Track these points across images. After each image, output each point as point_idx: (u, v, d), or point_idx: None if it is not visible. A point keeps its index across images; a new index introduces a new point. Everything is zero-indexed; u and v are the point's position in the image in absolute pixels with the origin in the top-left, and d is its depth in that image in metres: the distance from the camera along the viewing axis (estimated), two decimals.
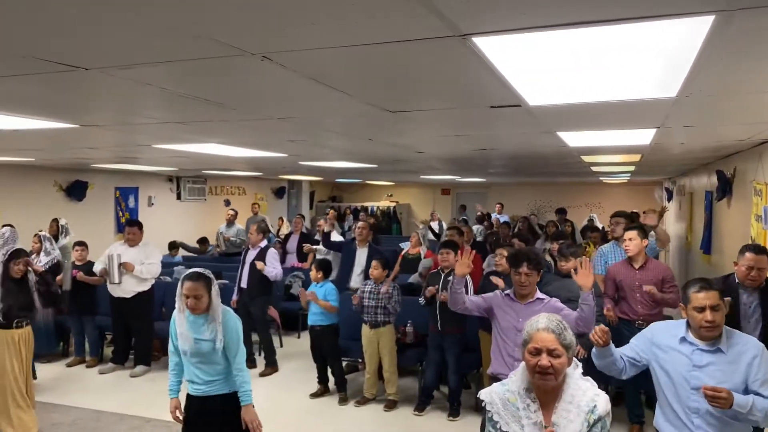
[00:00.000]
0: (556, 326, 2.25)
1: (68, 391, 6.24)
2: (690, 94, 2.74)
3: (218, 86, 2.65)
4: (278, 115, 3.50)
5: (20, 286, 4.87)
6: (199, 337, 3.35)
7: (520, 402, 2.31)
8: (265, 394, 6.18)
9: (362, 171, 10.59)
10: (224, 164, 8.56)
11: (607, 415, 2.20)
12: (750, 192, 5.45)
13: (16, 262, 4.82)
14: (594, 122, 3.78)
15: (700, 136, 4.68)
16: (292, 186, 16.72)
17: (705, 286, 2.71)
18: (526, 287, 3.80)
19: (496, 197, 16.93)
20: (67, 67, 2.23)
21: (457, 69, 2.26)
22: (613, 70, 2.31)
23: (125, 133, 4.51)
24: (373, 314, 5.66)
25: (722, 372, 2.66)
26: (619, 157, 6.96)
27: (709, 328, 2.67)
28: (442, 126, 3.99)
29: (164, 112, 3.42)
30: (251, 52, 2.00)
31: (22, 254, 4.92)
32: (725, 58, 2.13)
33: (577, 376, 2.31)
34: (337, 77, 2.44)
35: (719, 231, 7.36)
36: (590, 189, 17.43)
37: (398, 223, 18.14)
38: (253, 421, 3.40)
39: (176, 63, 2.18)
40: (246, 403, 3.40)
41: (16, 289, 4.80)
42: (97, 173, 10.10)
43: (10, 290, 4.78)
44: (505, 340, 3.80)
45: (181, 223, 12.29)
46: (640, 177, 13.13)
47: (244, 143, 5.24)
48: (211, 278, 3.37)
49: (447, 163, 8.13)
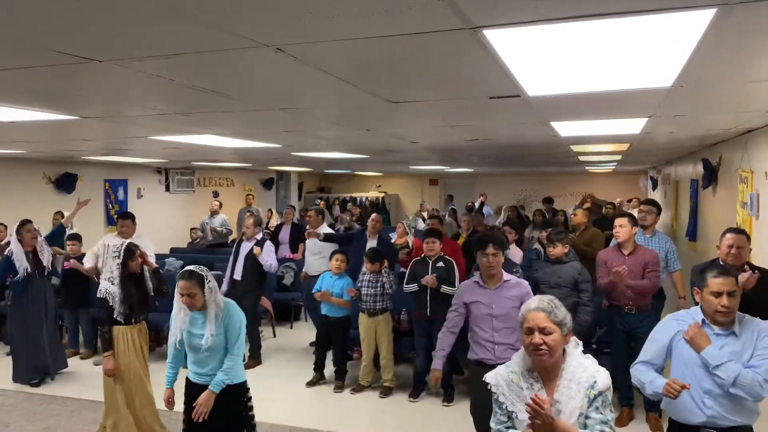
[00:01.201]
0: (546, 305, 2.36)
1: (65, 383, 6.26)
2: (684, 84, 2.82)
3: (226, 77, 2.69)
4: (280, 106, 3.54)
5: (138, 283, 4.54)
6: (196, 331, 3.47)
7: (524, 382, 2.40)
8: (260, 384, 6.24)
9: (352, 161, 10.63)
10: (214, 155, 8.55)
11: (608, 390, 2.29)
12: (735, 180, 5.58)
13: (132, 258, 4.41)
14: (589, 112, 3.86)
15: (689, 125, 4.79)
16: (280, 177, 16.70)
17: (723, 272, 2.78)
18: (494, 267, 3.89)
19: (483, 187, 17.07)
20: (80, 59, 2.26)
21: (463, 61, 2.32)
22: (612, 60, 2.38)
23: (124, 125, 4.51)
24: (372, 302, 5.74)
25: (736, 354, 2.73)
26: (607, 146, 7.07)
27: (725, 313, 2.74)
28: (440, 116, 4.05)
29: (168, 103, 3.44)
30: (266, 44, 2.05)
31: (135, 248, 4.48)
32: (722, 49, 2.21)
33: (578, 353, 2.40)
34: (345, 68, 2.49)
35: (705, 218, 7.51)
36: (576, 178, 17.62)
37: (387, 214, 18.19)
38: (202, 405, 3.43)
39: (189, 55, 2.22)
40: (211, 390, 3.44)
41: (134, 288, 4.48)
42: (86, 165, 10.04)
43: (130, 291, 4.43)
44: (481, 327, 3.89)
45: (170, 215, 12.26)
46: (626, 166, 13.30)
47: (241, 134, 5.26)
48: (203, 275, 3.44)
49: (437, 153, 8.20)
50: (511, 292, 3.85)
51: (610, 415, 2.28)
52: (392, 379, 5.89)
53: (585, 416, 2.27)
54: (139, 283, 4.55)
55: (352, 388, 5.97)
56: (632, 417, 5.20)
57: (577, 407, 2.28)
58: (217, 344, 3.43)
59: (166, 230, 11.56)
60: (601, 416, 2.25)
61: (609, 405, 2.30)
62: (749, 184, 5.02)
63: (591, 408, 2.27)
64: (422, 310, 5.51)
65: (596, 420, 2.25)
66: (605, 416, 2.26)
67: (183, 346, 3.57)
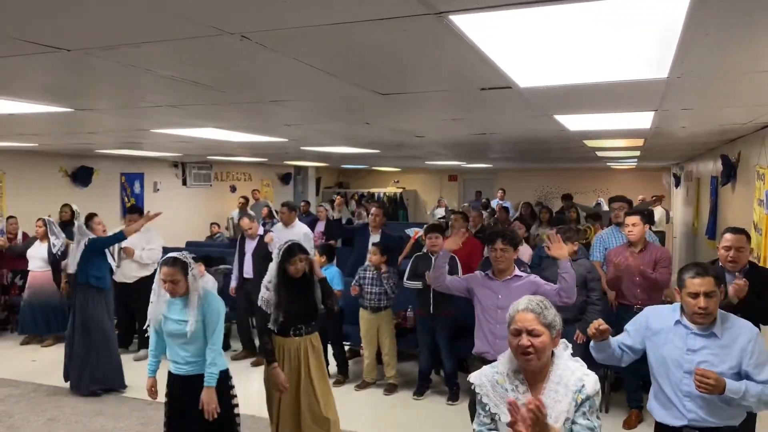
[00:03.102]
0: (535, 306, 2.25)
1: None
2: (681, 75, 2.69)
3: (203, 68, 2.64)
4: (269, 98, 3.49)
5: (301, 289, 3.90)
6: (177, 318, 3.51)
7: (509, 383, 2.31)
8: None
9: (367, 157, 10.56)
10: (227, 150, 8.56)
11: (596, 395, 2.20)
12: (753, 176, 5.38)
13: (291, 261, 3.83)
14: (588, 105, 3.74)
15: (701, 119, 4.62)
16: (298, 172, 16.72)
17: (700, 272, 2.67)
18: (502, 262, 3.85)
19: (503, 184, 16.87)
20: (48, 48, 2.23)
21: (440, 49, 2.23)
22: (600, 49, 2.27)
23: (122, 118, 4.51)
24: (376, 300, 5.69)
25: (716, 356, 2.64)
26: (621, 141, 6.88)
27: (702, 315, 2.65)
28: (436, 109, 3.96)
29: (155, 95, 3.41)
30: (229, 32, 1.99)
31: (298, 250, 3.87)
32: (712, 37, 2.08)
33: (566, 357, 2.31)
34: (320, 58, 2.41)
35: (724, 216, 7.29)
36: (597, 175, 17.30)
37: (405, 210, 18.11)
38: (209, 403, 3.45)
39: (158, 44, 2.17)
40: (208, 385, 3.47)
41: (296, 293, 3.87)
42: (103, 159, 10.14)
43: (291, 296, 3.85)
44: (486, 318, 3.85)
45: (187, 209, 12.33)
46: (647, 162, 13.00)
47: (239, 127, 5.23)
48: (187, 262, 3.49)
49: (449, 148, 8.09)
50: (521, 285, 3.78)
51: (597, 422, 2.18)
52: (395, 376, 5.83)
53: (572, 421, 2.18)
54: (303, 291, 3.92)
55: (357, 384, 5.92)
56: (641, 419, 5.08)
57: (564, 411, 2.19)
58: (196, 330, 3.47)
59: (183, 224, 11.63)
60: (588, 422, 2.16)
61: (596, 411, 2.20)
62: (766, 181, 4.82)
63: (578, 413, 2.18)
64: (425, 308, 5.44)
65: (583, 426, 2.16)
66: (592, 422, 2.17)
67: (161, 334, 3.62)
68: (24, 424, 5.05)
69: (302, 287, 3.90)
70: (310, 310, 3.94)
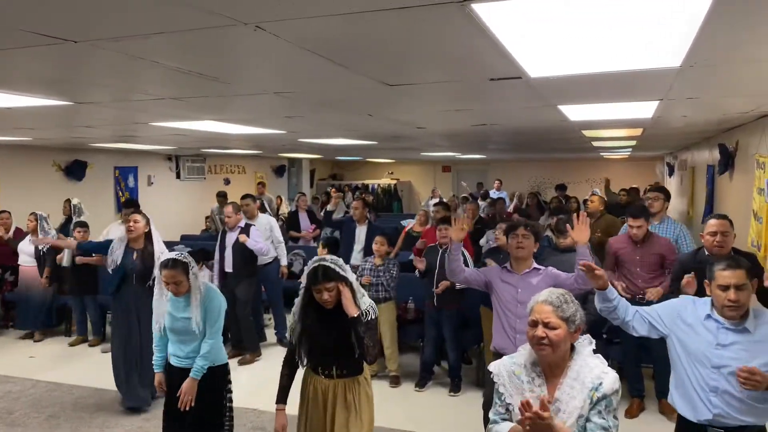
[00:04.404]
0: (555, 299, 2.23)
1: (71, 370, 6.26)
2: (694, 64, 2.68)
3: (212, 59, 2.59)
4: (274, 90, 3.44)
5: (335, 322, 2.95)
6: (180, 315, 3.54)
7: (525, 375, 2.29)
8: (264, 372, 6.20)
9: (363, 148, 10.51)
10: (223, 142, 8.49)
11: (614, 394, 2.14)
12: (752, 165, 5.40)
13: (315, 288, 2.90)
14: (596, 95, 3.72)
15: (704, 108, 4.62)
16: (292, 164, 16.64)
17: (732, 264, 2.62)
18: (522, 249, 3.76)
19: (497, 174, 16.88)
20: (55, 40, 2.18)
21: (456, 38, 2.20)
22: (615, 38, 2.25)
23: (122, 111, 4.45)
24: (374, 291, 5.66)
25: (747, 352, 2.57)
26: (620, 131, 6.89)
27: (733, 307, 2.59)
28: (442, 100, 3.93)
29: (158, 87, 3.36)
30: (244, 22, 1.94)
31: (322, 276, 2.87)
32: (732, 25, 2.07)
33: (587, 353, 2.27)
34: (333, 48, 2.38)
35: (721, 205, 7.32)
36: (591, 164, 17.35)
37: (399, 201, 18.09)
38: (187, 393, 3.46)
39: (168, 35, 2.12)
40: (193, 376, 3.49)
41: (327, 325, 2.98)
42: (96, 153, 10.04)
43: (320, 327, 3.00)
44: (505, 313, 3.79)
45: (181, 203, 12.25)
46: (641, 152, 13.04)
47: (240, 120, 5.18)
48: (187, 262, 3.49)
49: (448, 139, 8.07)
50: (540, 279, 3.73)
51: (613, 422, 2.13)
52: (397, 368, 5.82)
53: (585, 419, 2.13)
54: (338, 325, 2.96)
55: None
56: (643, 408, 5.09)
57: (577, 408, 2.14)
58: (201, 327, 3.52)
59: (177, 218, 11.56)
60: (603, 421, 2.11)
61: (613, 411, 2.14)
62: (766, 170, 4.84)
63: (593, 411, 2.13)
64: (430, 299, 5.45)
65: (597, 425, 2.11)
66: (607, 422, 2.11)
67: (166, 330, 3.64)
68: (25, 421, 5.01)
69: (336, 319, 2.95)
70: (345, 349, 2.96)
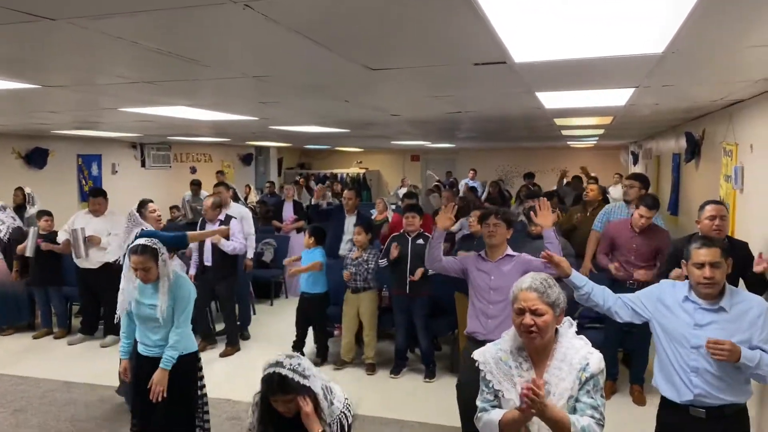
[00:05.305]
0: (539, 285, 2.26)
1: (37, 363, 6.10)
2: (676, 51, 2.71)
3: (194, 40, 2.51)
4: (253, 74, 3.37)
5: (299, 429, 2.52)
6: (147, 302, 3.51)
7: (512, 361, 2.32)
8: (239, 362, 6.15)
9: (332, 137, 10.43)
10: (190, 129, 8.32)
11: (600, 373, 2.20)
12: (719, 153, 5.52)
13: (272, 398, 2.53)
14: (576, 81, 3.74)
15: (676, 96, 4.70)
16: (259, 152, 16.43)
17: (707, 243, 2.69)
18: (495, 236, 3.81)
19: (465, 163, 16.99)
20: (30, 17, 2.07)
21: (448, 20, 2.17)
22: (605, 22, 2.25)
23: (89, 95, 4.29)
24: (357, 281, 5.69)
25: (724, 330, 2.64)
26: (591, 119, 6.97)
27: (708, 284, 2.66)
28: (423, 86, 3.90)
29: (134, 70, 3.25)
30: (233, 0, 1.88)
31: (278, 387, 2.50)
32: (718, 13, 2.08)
33: (571, 334, 2.31)
34: (320, 30, 2.32)
35: (687, 192, 7.49)
36: (558, 153, 17.58)
37: (368, 190, 18.05)
38: (158, 384, 3.44)
39: (151, 13, 2.04)
40: (163, 366, 3.46)
41: None
42: (58, 140, 9.72)
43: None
44: (479, 299, 3.84)
45: (147, 192, 11.94)
46: (607, 141, 13.26)
47: (215, 105, 5.07)
48: (157, 248, 3.45)
49: (419, 126, 8.06)
50: (512, 266, 3.78)
51: (601, 400, 2.19)
52: (374, 355, 5.83)
53: (575, 399, 2.19)
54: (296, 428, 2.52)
55: (335, 364, 5.90)
56: (615, 390, 5.21)
57: (567, 389, 2.20)
58: (168, 315, 3.48)
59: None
60: (592, 401, 2.17)
61: (600, 389, 2.21)
62: (734, 157, 4.95)
63: (582, 391, 2.19)
64: (402, 288, 5.46)
65: (587, 404, 2.17)
66: (596, 401, 2.17)
67: (133, 317, 3.61)
68: None
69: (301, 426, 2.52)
70: None
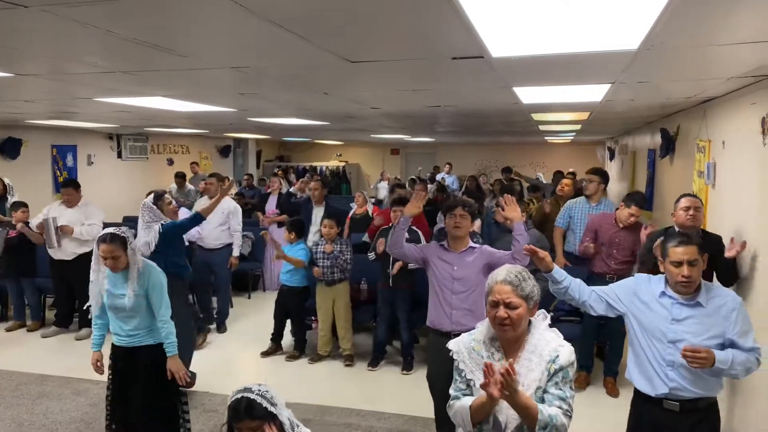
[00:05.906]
0: (513, 278, 2.28)
1: (10, 356, 6.02)
2: (651, 47, 2.75)
3: (170, 30, 2.49)
4: (231, 65, 3.34)
5: None
6: (118, 292, 3.50)
7: (485, 351, 2.35)
8: (215, 354, 6.12)
9: (312, 129, 10.39)
10: (167, 120, 8.22)
11: (570, 366, 2.23)
12: (693, 149, 5.62)
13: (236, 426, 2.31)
14: (552, 77, 3.78)
15: (650, 92, 4.76)
16: (238, 144, 16.32)
17: (684, 241, 2.70)
18: (460, 229, 3.82)
19: (445, 157, 17.05)
20: (4, 3, 2.04)
21: (425, 13, 2.18)
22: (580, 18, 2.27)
23: (64, 84, 4.23)
24: (329, 273, 5.67)
25: (701, 325, 2.67)
26: (568, 114, 7.04)
27: (686, 283, 2.69)
28: (402, 79, 3.91)
29: (109, 59, 3.21)
30: None
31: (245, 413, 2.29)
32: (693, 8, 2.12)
33: (543, 327, 2.35)
34: (298, 21, 2.32)
35: (661, 188, 7.61)
36: (535, 149, 17.75)
37: (348, 183, 18.04)
38: (179, 371, 3.53)
39: (126, 1, 2.02)
40: (171, 354, 3.54)
41: None
42: (32, 130, 9.54)
43: None
44: (442, 290, 3.84)
45: (123, 183, 11.85)
46: (584, 136, 13.40)
47: (192, 96, 5.02)
48: (125, 236, 3.46)
49: (398, 120, 8.06)
50: (475, 257, 3.80)
51: (570, 392, 2.22)
52: (351, 348, 5.84)
53: (543, 390, 2.22)
54: None
55: (310, 357, 5.90)
56: (588, 382, 5.29)
57: (536, 380, 2.23)
58: (138, 303, 3.48)
59: (119, 198, 11.18)
60: (560, 392, 2.20)
61: (570, 382, 2.24)
62: (706, 154, 5.05)
63: (550, 383, 2.22)
64: (386, 280, 5.49)
65: (554, 396, 2.20)
66: (564, 392, 2.20)
67: (105, 308, 3.61)
68: None
69: None
70: None
